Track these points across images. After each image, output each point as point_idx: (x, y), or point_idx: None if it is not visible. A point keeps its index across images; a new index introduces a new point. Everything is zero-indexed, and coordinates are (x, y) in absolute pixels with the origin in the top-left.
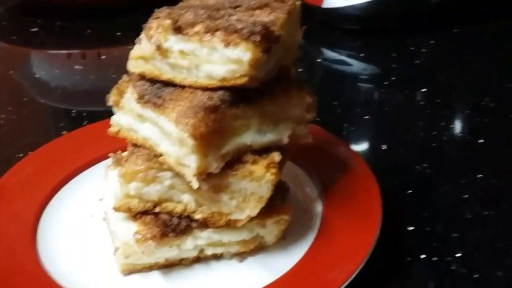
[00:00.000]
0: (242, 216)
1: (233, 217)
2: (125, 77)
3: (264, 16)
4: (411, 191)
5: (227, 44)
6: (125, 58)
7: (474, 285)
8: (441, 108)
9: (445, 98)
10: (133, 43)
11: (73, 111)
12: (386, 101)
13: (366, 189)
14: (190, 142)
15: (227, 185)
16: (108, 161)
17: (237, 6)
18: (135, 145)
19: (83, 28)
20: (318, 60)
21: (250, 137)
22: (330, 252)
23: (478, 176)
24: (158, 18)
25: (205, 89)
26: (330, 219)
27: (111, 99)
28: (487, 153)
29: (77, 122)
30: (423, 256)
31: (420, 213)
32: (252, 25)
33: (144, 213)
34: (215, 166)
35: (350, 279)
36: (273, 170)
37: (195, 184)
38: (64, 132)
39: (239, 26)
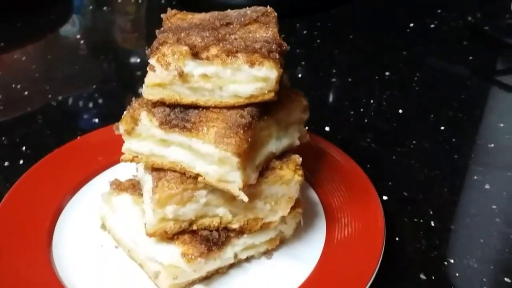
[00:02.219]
0: (275, 217)
1: (267, 220)
2: (134, 104)
3: (262, 32)
4: (368, 165)
5: (252, 64)
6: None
7: (454, 234)
8: (356, 86)
9: (354, 77)
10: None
11: None
12: (307, 85)
13: (352, 174)
14: (234, 159)
15: (260, 192)
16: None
17: (227, 23)
18: (157, 170)
19: None
20: None
21: (273, 145)
22: (349, 236)
23: (413, 142)
24: (166, 43)
25: (230, 107)
26: (330, 204)
27: (123, 127)
28: (409, 121)
29: None
30: (406, 219)
31: (386, 184)
32: (267, 43)
33: (180, 233)
34: (254, 177)
35: (379, 260)
36: (300, 172)
37: (244, 198)
38: None
39: (257, 46)
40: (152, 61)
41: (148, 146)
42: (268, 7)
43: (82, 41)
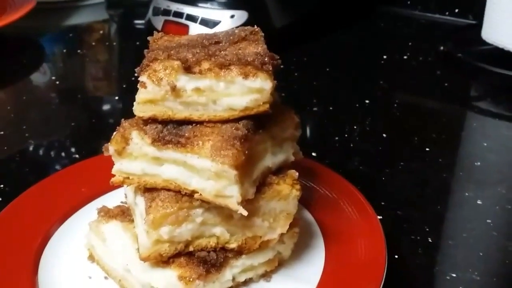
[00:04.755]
0: (274, 235)
1: (266, 238)
2: (124, 124)
3: (252, 48)
4: (359, 187)
5: (246, 76)
6: None
7: (453, 250)
8: (338, 114)
9: (335, 105)
10: None
11: None
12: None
13: (345, 192)
14: (232, 172)
15: (258, 208)
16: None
17: (216, 42)
18: (149, 190)
19: None
20: None
21: (269, 160)
22: (349, 254)
23: (401, 163)
24: (156, 59)
25: (225, 121)
26: (326, 222)
27: (114, 147)
28: (394, 144)
29: None
30: (403, 237)
31: (378, 204)
32: (259, 56)
33: (175, 256)
34: (251, 192)
35: (384, 275)
36: (298, 186)
37: (243, 212)
38: None
39: (249, 58)
40: (143, 78)
41: (140, 165)
42: (255, 26)
43: (53, 89)
